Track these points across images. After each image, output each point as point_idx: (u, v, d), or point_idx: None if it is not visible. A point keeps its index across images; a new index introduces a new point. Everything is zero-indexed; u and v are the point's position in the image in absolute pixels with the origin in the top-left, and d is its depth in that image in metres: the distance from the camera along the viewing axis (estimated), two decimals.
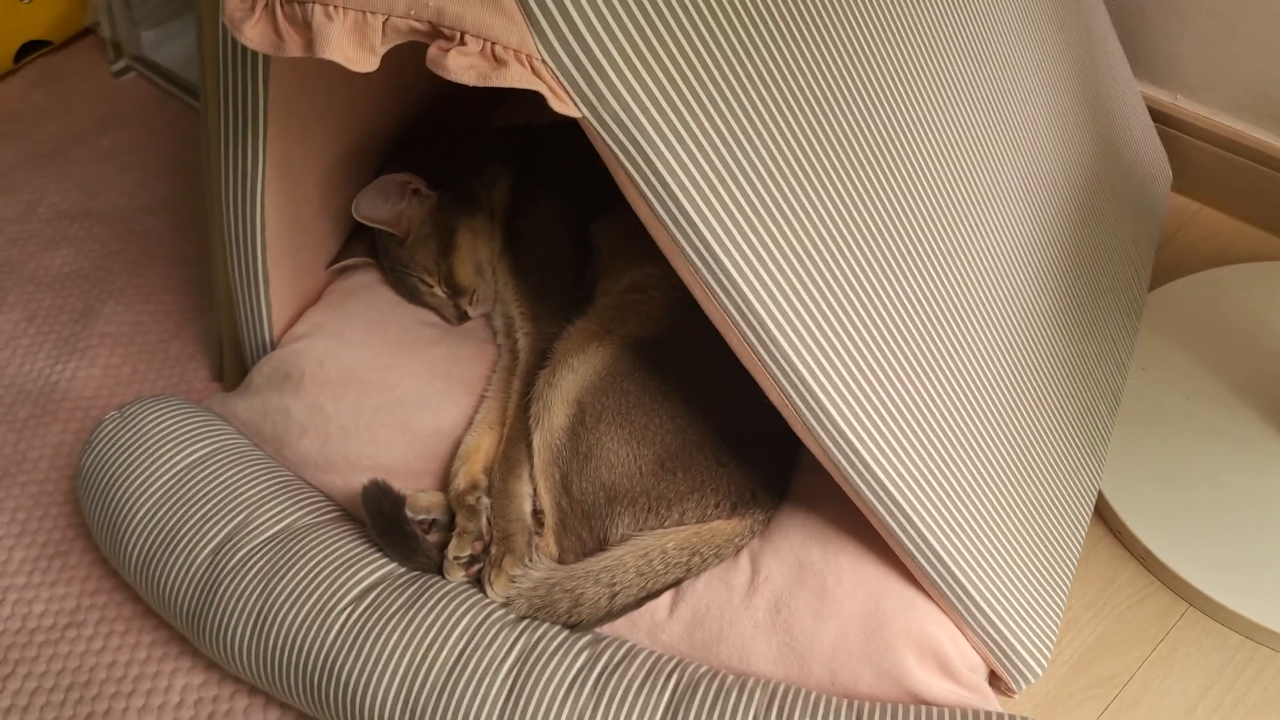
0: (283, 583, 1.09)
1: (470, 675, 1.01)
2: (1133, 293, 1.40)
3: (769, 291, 0.87)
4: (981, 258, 1.09)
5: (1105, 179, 1.35)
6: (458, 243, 1.26)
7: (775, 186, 0.88)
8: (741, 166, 0.85)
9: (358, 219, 1.21)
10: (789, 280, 0.88)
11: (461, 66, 0.77)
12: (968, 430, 1.03)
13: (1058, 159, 1.25)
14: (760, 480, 1.13)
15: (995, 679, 1.09)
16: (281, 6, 0.81)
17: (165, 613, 1.16)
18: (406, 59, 0.82)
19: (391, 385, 1.23)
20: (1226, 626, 1.18)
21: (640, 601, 1.07)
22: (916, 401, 0.98)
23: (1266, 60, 1.53)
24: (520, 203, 1.31)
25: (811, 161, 0.91)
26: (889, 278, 0.97)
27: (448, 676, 1.01)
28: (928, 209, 1.03)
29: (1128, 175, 1.44)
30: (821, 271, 0.91)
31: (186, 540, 1.14)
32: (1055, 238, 1.22)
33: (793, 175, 0.89)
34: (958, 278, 1.05)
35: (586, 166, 1.28)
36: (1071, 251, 1.25)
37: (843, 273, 0.93)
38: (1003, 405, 1.08)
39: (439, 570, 1.10)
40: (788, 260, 0.88)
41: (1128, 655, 1.16)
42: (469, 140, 1.37)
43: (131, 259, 1.68)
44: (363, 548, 1.12)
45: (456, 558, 1.08)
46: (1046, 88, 1.25)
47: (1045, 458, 1.14)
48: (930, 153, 1.04)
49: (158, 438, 1.22)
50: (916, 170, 1.02)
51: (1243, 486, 1.27)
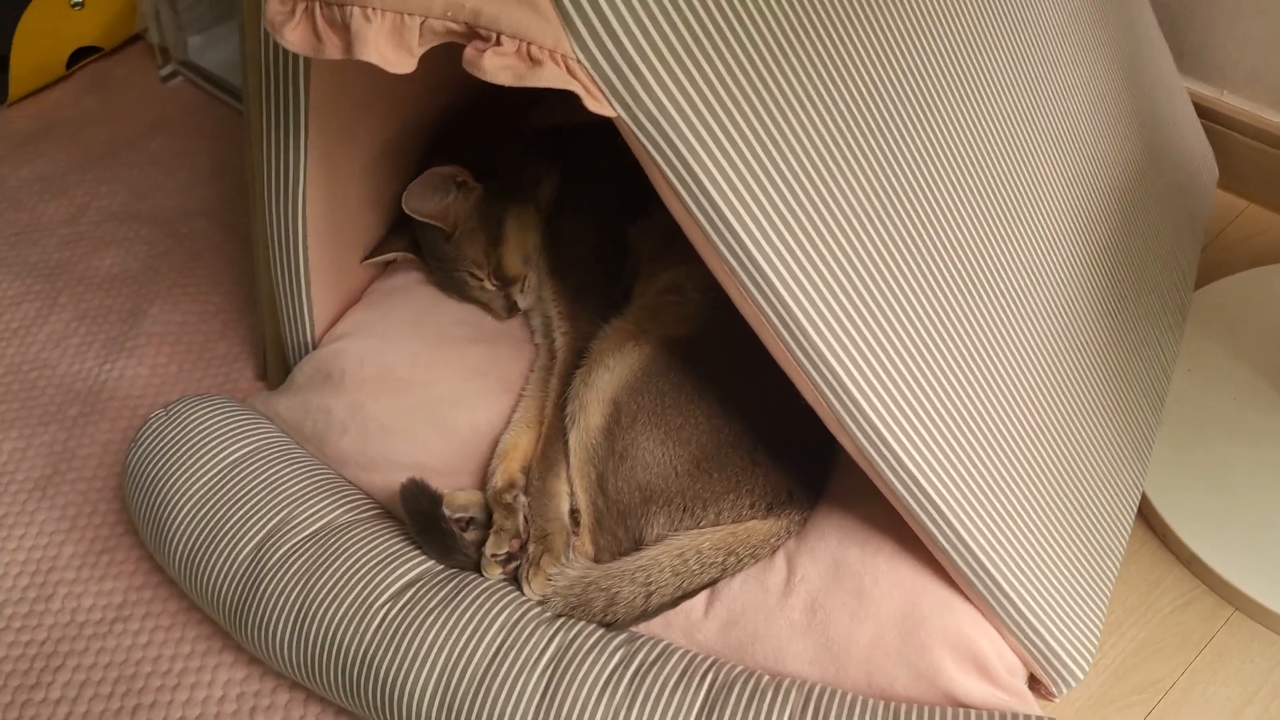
0: (323, 579, 1.10)
1: (506, 672, 1.02)
2: (1178, 291, 1.37)
3: (804, 289, 0.87)
4: (1024, 254, 1.08)
5: (1150, 175, 1.33)
6: (506, 233, 1.27)
7: (811, 184, 0.87)
8: (776, 165, 0.85)
9: (407, 212, 1.22)
10: (824, 277, 0.88)
11: (497, 67, 0.78)
12: (1007, 428, 1.02)
13: (1101, 154, 1.24)
14: (796, 481, 1.12)
15: (1035, 683, 1.07)
16: (321, 9, 0.82)
17: (208, 608, 1.18)
18: (445, 58, 0.83)
19: (430, 384, 1.24)
20: (1273, 631, 1.16)
21: (676, 601, 1.07)
22: (954, 398, 0.97)
23: None
24: (563, 201, 1.32)
25: (849, 158, 0.90)
26: (927, 273, 0.96)
27: (484, 673, 1.02)
28: (968, 205, 1.02)
29: (1172, 171, 1.42)
30: (858, 268, 0.90)
31: (229, 537, 1.15)
32: (1099, 233, 1.20)
33: (829, 173, 0.89)
34: (998, 273, 1.04)
35: (625, 168, 1.30)
36: (1116, 248, 1.23)
37: (879, 269, 0.92)
38: (1044, 403, 1.07)
39: (476, 568, 1.11)
40: (822, 257, 0.88)
41: (1171, 660, 1.15)
42: (513, 139, 1.38)
43: (179, 260, 1.71)
44: (402, 545, 1.13)
45: (494, 555, 1.09)
46: (1089, 81, 1.23)
47: (1087, 458, 1.12)
48: (971, 148, 1.03)
49: (202, 436, 1.24)
50: (956, 166, 1.01)
51: None
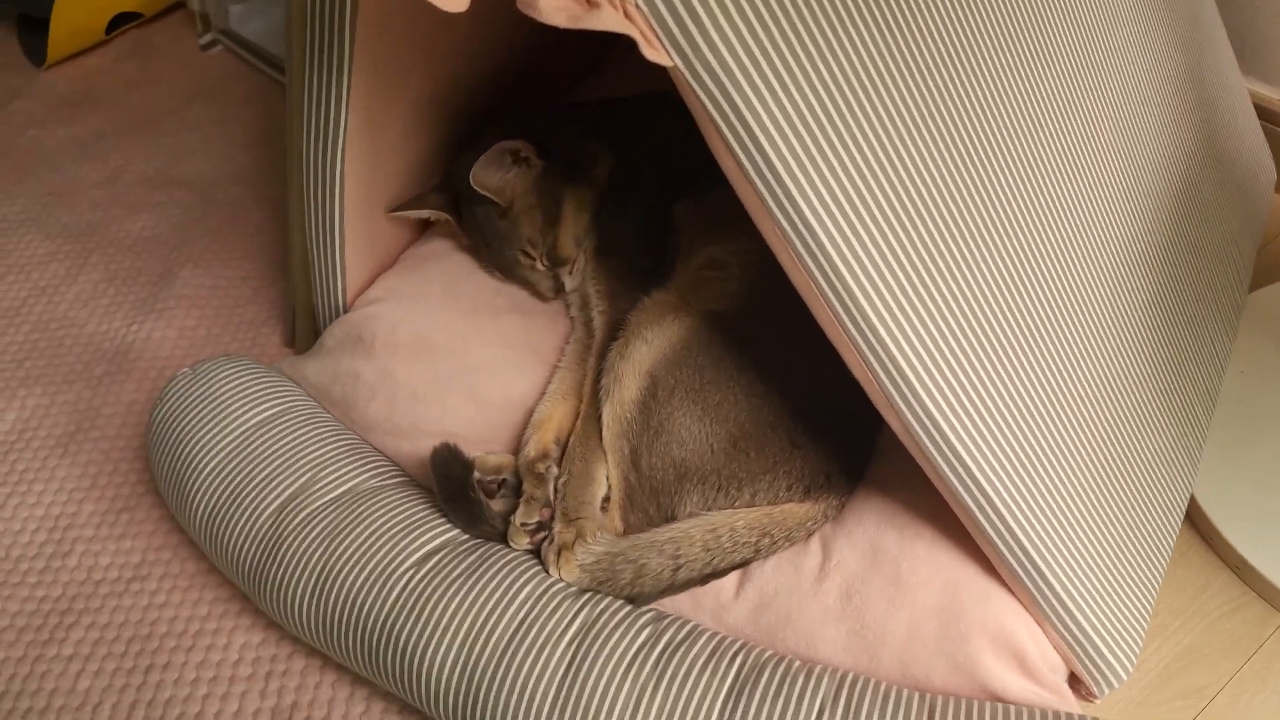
0: (345, 544, 1.08)
1: (530, 645, 0.99)
2: (1233, 292, 1.34)
3: (858, 259, 0.84)
4: (1082, 241, 1.04)
5: (1208, 172, 1.30)
6: (564, 213, 1.24)
7: (870, 149, 0.84)
8: (836, 126, 0.82)
9: (475, 186, 1.19)
10: (879, 248, 0.85)
11: (553, 7, 0.75)
12: (1059, 417, 0.99)
13: (1161, 146, 1.20)
14: (835, 464, 1.09)
15: (1076, 681, 1.03)
16: None
17: (227, 570, 1.16)
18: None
19: (463, 352, 1.22)
20: None
21: (705, 578, 1.04)
22: (1007, 382, 0.94)
23: None
24: (614, 180, 1.29)
25: (911, 127, 0.87)
26: (984, 252, 0.93)
27: (507, 645, 0.99)
28: (1028, 186, 0.98)
29: (1230, 170, 1.38)
30: (914, 240, 0.87)
31: (251, 498, 1.13)
32: (1157, 228, 1.17)
33: (889, 139, 0.86)
34: (1056, 259, 1.00)
35: (672, 144, 1.28)
36: (1173, 244, 1.19)
37: (936, 242, 0.89)
38: (1096, 395, 1.04)
39: (502, 538, 1.08)
40: (879, 227, 0.85)
41: (1218, 667, 1.11)
42: (563, 111, 1.35)
43: (212, 225, 1.70)
44: (426, 512, 1.11)
45: (523, 524, 1.06)
46: (1152, 72, 1.20)
47: (1138, 453, 1.09)
48: (1034, 129, 1.00)
49: (227, 396, 1.22)
50: (1019, 146, 0.98)
51: None
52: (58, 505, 1.32)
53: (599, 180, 1.29)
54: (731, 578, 1.05)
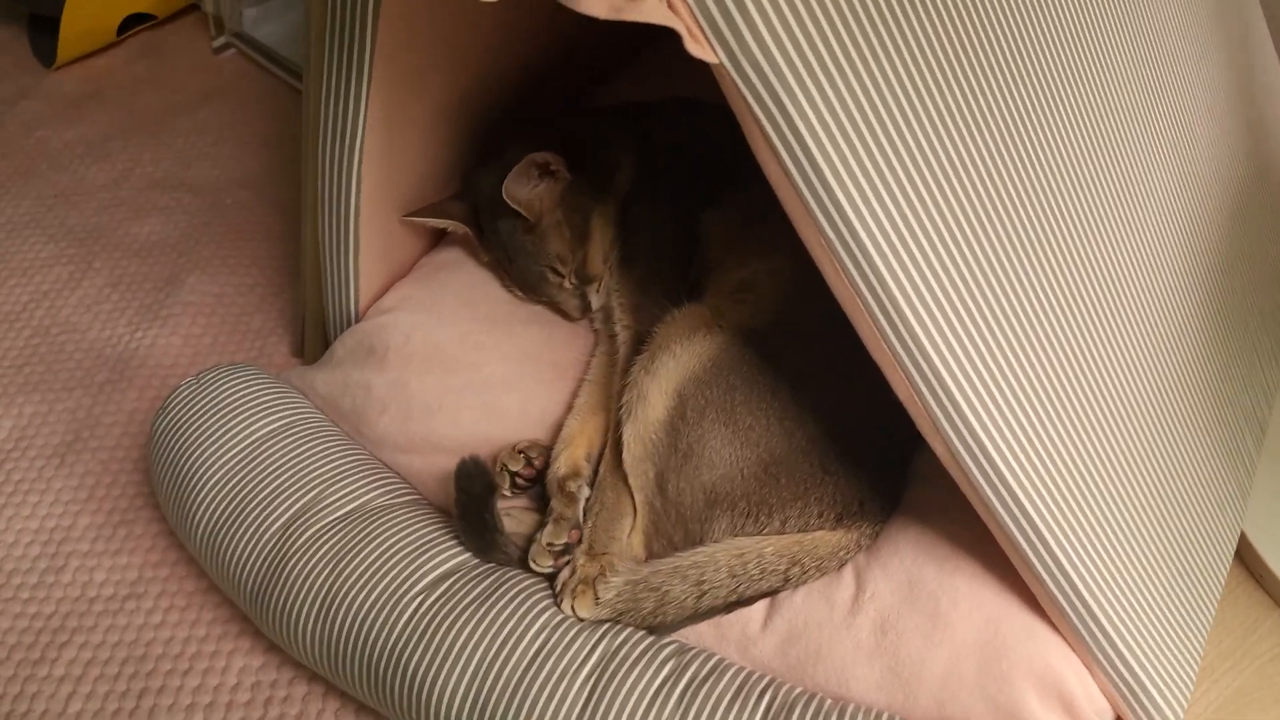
0: (352, 564, 1.03)
1: (546, 677, 0.94)
2: None
3: (905, 269, 0.79)
4: (1135, 262, 1.00)
5: (1260, 192, 1.25)
6: (592, 230, 1.19)
7: (923, 157, 0.80)
8: (887, 131, 0.77)
9: (505, 199, 1.14)
10: (928, 260, 0.80)
11: None
12: (1110, 448, 0.94)
13: (1213, 170, 1.16)
14: (869, 490, 1.04)
15: None
16: None
17: (228, 589, 1.11)
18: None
19: (480, 364, 1.17)
20: None
21: (729, 606, 0.99)
22: (1056, 406, 0.89)
23: None
24: (638, 189, 1.24)
25: (966, 136, 0.83)
26: (1036, 271, 0.88)
27: (522, 676, 0.94)
28: (1082, 204, 0.94)
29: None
30: (964, 253, 0.82)
31: (255, 514, 1.09)
32: (1207, 250, 1.12)
33: (943, 149, 0.81)
34: (1109, 280, 0.96)
35: (700, 152, 1.23)
36: (1223, 266, 1.15)
37: (986, 258, 0.84)
38: (1146, 424, 0.99)
39: (518, 563, 1.03)
40: (928, 237, 0.80)
41: (1270, 712, 1.06)
42: (588, 119, 1.30)
43: (220, 231, 1.65)
44: (439, 533, 1.06)
45: (550, 544, 1.01)
46: (1205, 86, 1.16)
47: (1188, 485, 1.04)
48: (1087, 147, 0.96)
49: (232, 406, 1.17)
50: (1072, 163, 0.93)
51: None
52: (53, 518, 1.28)
53: (620, 187, 1.24)
54: (759, 609, 1.00)
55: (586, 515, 1.04)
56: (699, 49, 0.72)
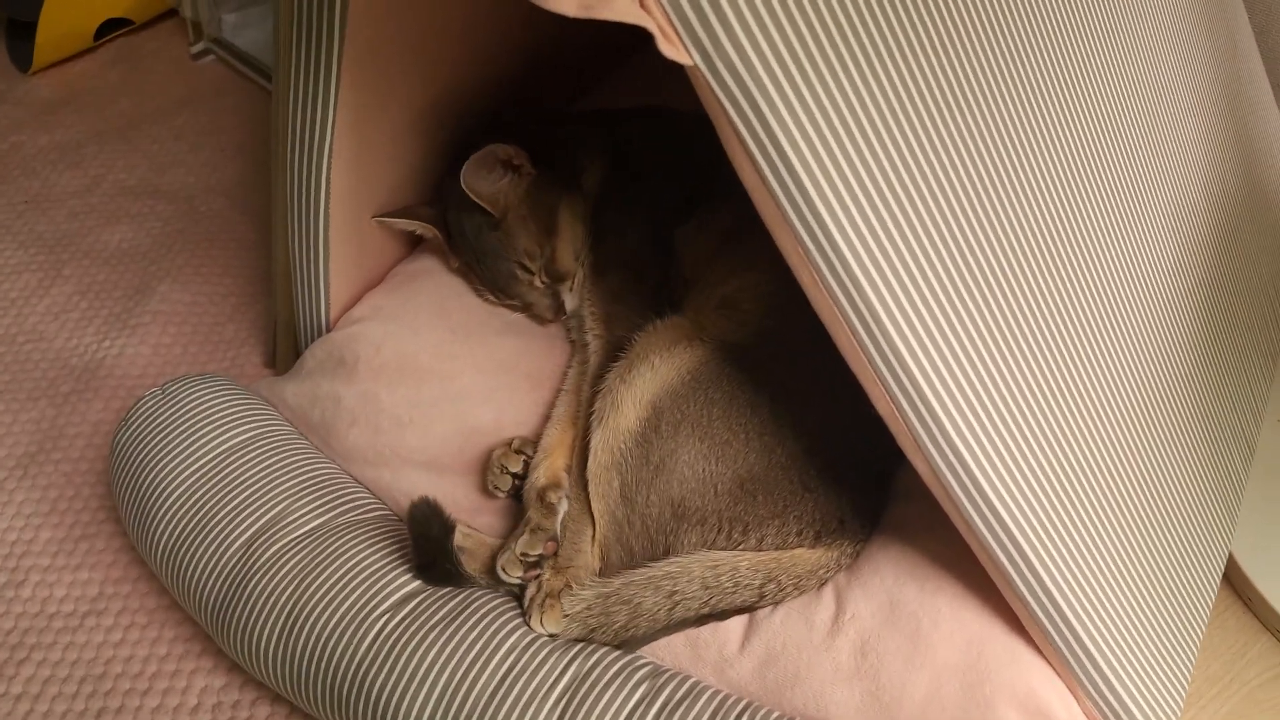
0: (317, 582, 1.00)
1: (515, 700, 0.91)
2: (1270, 333, 1.27)
3: (885, 280, 0.77)
4: (1120, 277, 0.98)
5: (1247, 206, 1.23)
6: (560, 224, 1.17)
7: (904, 165, 0.77)
8: (868, 138, 0.75)
9: (465, 190, 1.11)
10: (909, 269, 0.78)
11: None
12: (1094, 462, 0.91)
13: (1202, 185, 1.14)
14: (849, 508, 1.02)
15: None
16: None
17: (190, 606, 1.08)
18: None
19: (452, 376, 1.14)
20: None
21: (701, 619, 0.97)
22: (1041, 423, 0.86)
23: None
24: (608, 194, 1.22)
25: (948, 143, 0.80)
26: (1021, 284, 0.86)
27: (490, 699, 0.92)
28: (1067, 216, 0.92)
29: (1268, 206, 1.32)
30: (946, 262, 0.80)
31: (219, 529, 1.06)
32: (1195, 267, 1.10)
33: (924, 155, 0.79)
34: (1094, 293, 0.94)
35: (675, 162, 1.21)
36: (1211, 284, 1.13)
37: (970, 269, 0.82)
38: (1133, 441, 0.96)
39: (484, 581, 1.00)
40: (909, 246, 0.78)
41: None
42: (562, 121, 1.28)
43: (193, 239, 1.62)
44: (406, 552, 1.02)
45: (524, 555, 0.98)
46: (1194, 105, 1.14)
47: (1175, 504, 1.01)
48: (1073, 158, 0.94)
49: (198, 418, 1.14)
50: (1057, 173, 0.91)
51: None
52: (14, 531, 1.24)
53: (591, 189, 1.22)
54: (737, 629, 0.97)
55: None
56: (672, 50, 0.70)
